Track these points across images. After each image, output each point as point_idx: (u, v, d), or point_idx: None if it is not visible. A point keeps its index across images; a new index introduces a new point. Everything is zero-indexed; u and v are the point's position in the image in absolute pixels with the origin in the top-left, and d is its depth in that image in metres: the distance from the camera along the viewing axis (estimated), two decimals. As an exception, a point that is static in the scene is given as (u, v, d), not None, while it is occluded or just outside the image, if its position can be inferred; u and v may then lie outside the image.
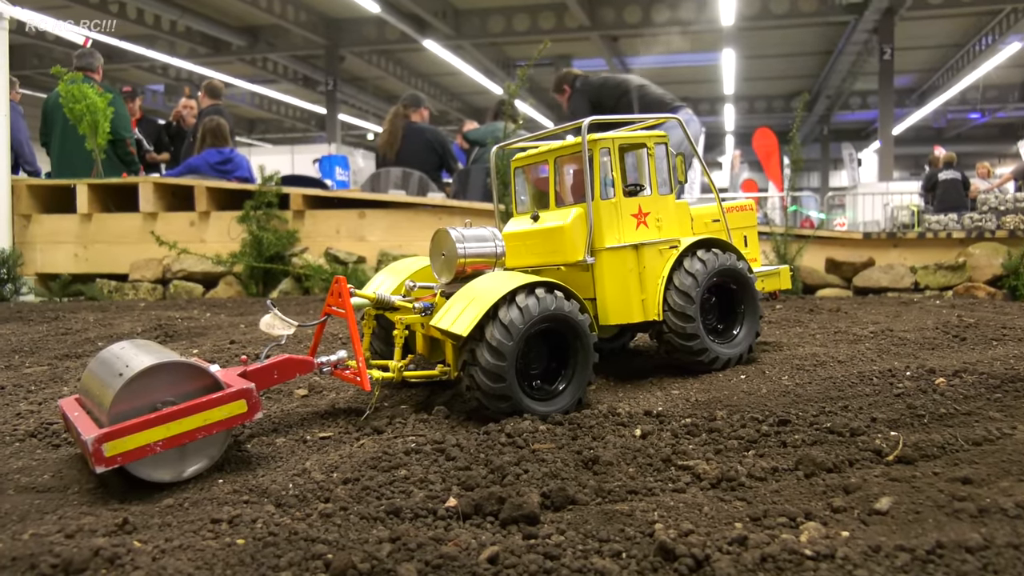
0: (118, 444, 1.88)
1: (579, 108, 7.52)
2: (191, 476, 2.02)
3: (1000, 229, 6.71)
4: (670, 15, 21.07)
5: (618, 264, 2.84)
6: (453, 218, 7.09)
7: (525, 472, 1.87)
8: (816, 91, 29.78)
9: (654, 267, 2.89)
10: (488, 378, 2.36)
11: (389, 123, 8.70)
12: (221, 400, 2.04)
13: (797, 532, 1.53)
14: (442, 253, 2.71)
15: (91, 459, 1.85)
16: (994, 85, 30.35)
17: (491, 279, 2.55)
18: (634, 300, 2.87)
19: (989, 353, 2.97)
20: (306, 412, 2.62)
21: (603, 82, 7.74)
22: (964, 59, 26.22)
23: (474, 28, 22.37)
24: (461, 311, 2.42)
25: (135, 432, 1.91)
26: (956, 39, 25.07)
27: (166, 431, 1.95)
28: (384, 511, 1.68)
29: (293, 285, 6.66)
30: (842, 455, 1.92)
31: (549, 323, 2.46)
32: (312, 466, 2.02)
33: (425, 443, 2.12)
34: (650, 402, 2.54)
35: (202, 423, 2.01)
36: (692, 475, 1.85)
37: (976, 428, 2.07)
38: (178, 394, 2.02)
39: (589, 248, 2.81)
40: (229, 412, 2.05)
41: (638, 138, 2.99)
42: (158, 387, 2.00)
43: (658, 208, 2.95)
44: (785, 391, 2.51)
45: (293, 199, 7.18)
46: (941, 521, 1.56)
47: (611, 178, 2.87)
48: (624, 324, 2.88)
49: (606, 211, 2.84)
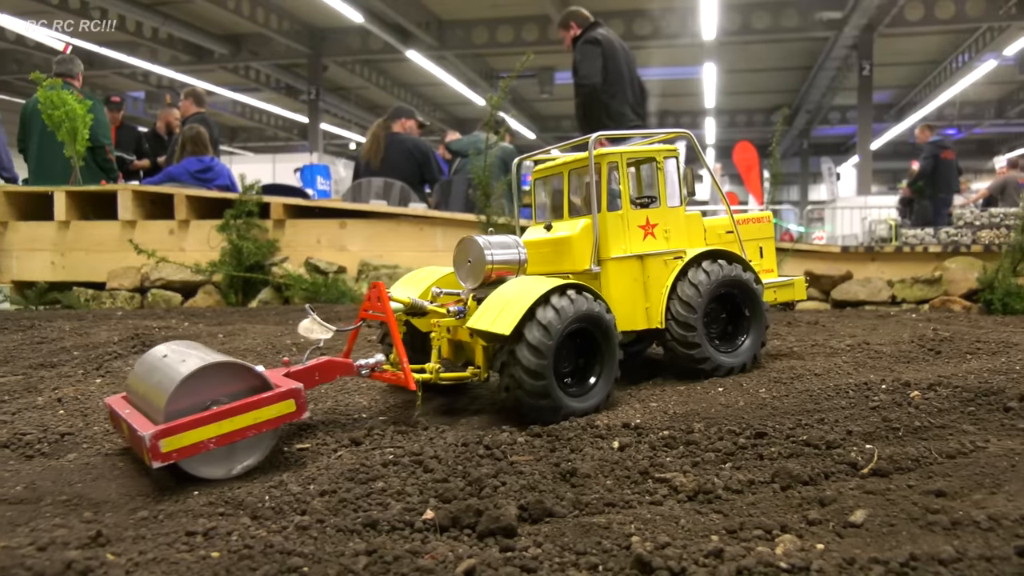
0: (174, 440, 1.96)
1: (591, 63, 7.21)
2: (240, 473, 2.10)
3: (975, 244, 6.78)
4: (652, 29, 21.22)
5: (623, 273, 2.96)
6: (435, 229, 7.10)
7: (503, 484, 1.87)
8: (796, 106, 30.06)
9: (659, 277, 3.01)
10: (529, 376, 2.45)
11: (372, 134, 8.70)
12: (271, 399, 2.12)
13: (773, 545, 1.54)
14: (468, 260, 2.79)
15: (147, 455, 1.92)
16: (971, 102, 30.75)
17: (523, 283, 2.64)
18: (639, 308, 2.99)
19: (963, 367, 3.00)
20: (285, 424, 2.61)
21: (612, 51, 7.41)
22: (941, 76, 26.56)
23: (458, 39, 22.42)
24: (499, 312, 2.50)
25: (190, 429, 1.99)
26: (933, 56, 25.40)
27: (219, 429, 2.03)
28: (361, 523, 1.68)
29: (273, 295, 6.63)
30: (818, 468, 1.94)
31: (581, 323, 2.58)
32: (289, 478, 2.01)
33: (403, 455, 2.11)
34: (628, 414, 2.54)
35: (253, 421, 2.09)
36: (669, 487, 1.86)
37: (950, 441, 2.09)
38: (228, 393, 2.10)
39: (595, 257, 2.92)
40: (278, 411, 2.14)
41: (648, 152, 3.11)
42: (210, 386, 2.08)
43: (667, 220, 3.07)
44: (762, 404, 2.52)
45: (274, 208, 7.16)
46: (915, 533, 1.58)
47: (618, 191, 2.99)
48: (631, 331, 2.97)
49: (612, 222, 2.96)
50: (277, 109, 31.25)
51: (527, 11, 20.92)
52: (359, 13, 18.84)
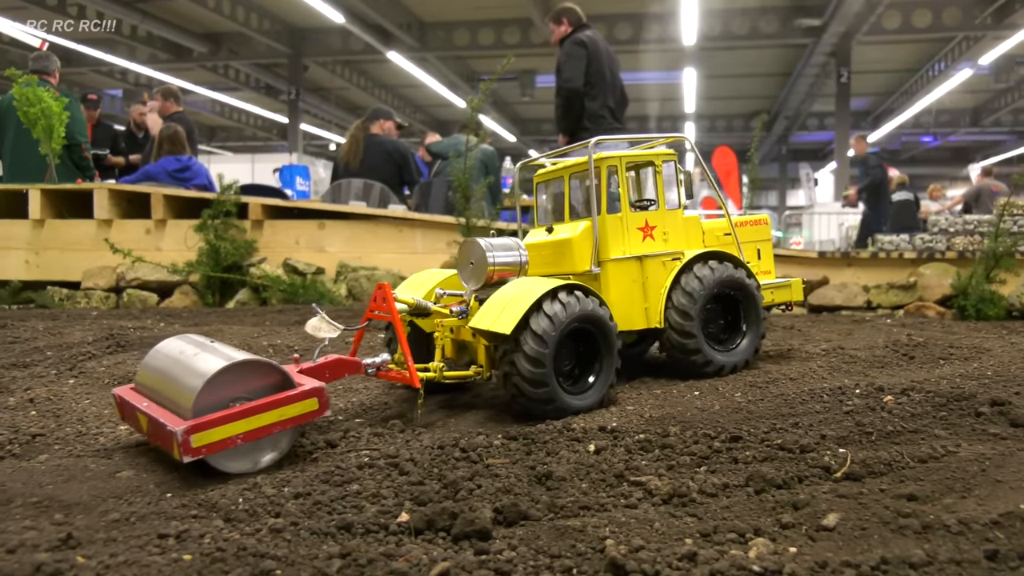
0: (204, 436, 2.00)
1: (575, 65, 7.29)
2: (263, 467, 2.15)
3: (950, 250, 6.86)
4: (634, 33, 21.30)
5: (622, 274, 3.05)
6: (414, 231, 7.08)
7: (478, 487, 1.87)
8: (775, 112, 30.29)
9: (657, 278, 3.10)
10: (528, 372, 2.53)
11: (351, 135, 8.67)
12: (296, 397, 2.17)
13: (746, 548, 1.55)
14: (470, 262, 2.87)
15: (178, 449, 1.96)
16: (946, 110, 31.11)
17: (524, 283, 2.71)
18: (637, 308, 3.07)
19: (936, 372, 3.03)
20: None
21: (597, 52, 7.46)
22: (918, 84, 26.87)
23: (439, 41, 22.41)
24: (500, 312, 2.58)
25: (220, 425, 2.04)
26: (910, 64, 25.69)
27: (246, 425, 2.08)
28: (335, 526, 1.67)
29: (251, 295, 6.58)
30: (792, 472, 1.95)
31: (580, 323, 2.65)
32: (263, 480, 1.99)
33: (379, 457, 2.11)
34: (605, 417, 2.55)
35: (278, 418, 2.14)
36: (644, 491, 1.86)
37: (922, 445, 2.11)
38: (250, 390, 2.15)
39: (595, 259, 3.01)
40: (302, 409, 2.18)
41: (646, 156, 3.20)
42: (234, 383, 2.13)
43: (665, 222, 3.16)
44: (737, 408, 2.53)
45: (252, 208, 7.11)
46: (886, 537, 1.59)
47: (618, 194, 3.08)
48: (631, 331, 3.06)
49: (612, 225, 3.06)
50: (257, 109, 31.09)
51: (509, 14, 20.95)
52: (340, 13, 18.79)
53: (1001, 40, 20.72)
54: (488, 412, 2.80)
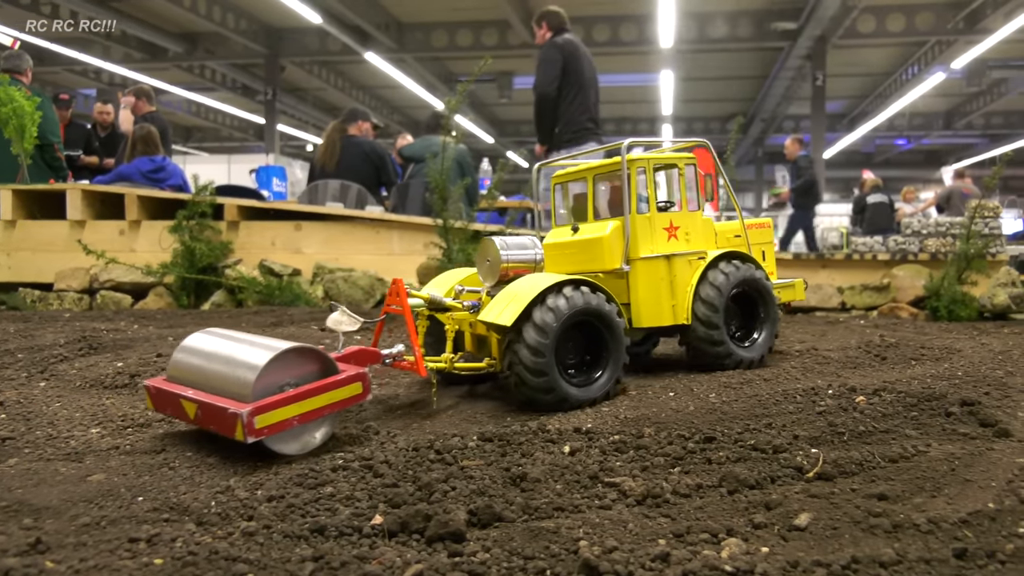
0: (266, 417, 2.13)
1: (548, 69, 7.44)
2: (311, 449, 2.27)
3: (923, 252, 6.93)
4: (611, 35, 21.36)
5: (651, 272, 3.17)
6: (391, 232, 7.06)
7: (453, 489, 1.86)
8: (752, 114, 30.47)
9: (684, 276, 3.22)
10: (530, 363, 2.64)
11: (327, 136, 8.63)
12: (344, 382, 2.32)
13: (718, 548, 1.56)
14: (487, 259, 3.01)
15: (243, 430, 2.08)
16: (920, 113, 31.47)
17: (533, 278, 2.84)
18: (665, 305, 3.18)
19: (908, 372, 3.06)
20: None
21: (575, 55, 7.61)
22: (892, 87, 27.14)
23: (417, 42, 22.36)
24: (506, 305, 2.71)
25: (279, 407, 2.16)
26: (885, 68, 25.94)
27: (301, 408, 2.21)
28: (308, 529, 1.66)
29: (226, 297, 6.53)
30: (764, 472, 1.96)
31: (583, 316, 2.76)
32: (236, 483, 1.98)
33: (353, 459, 2.10)
34: (580, 419, 2.55)
35: (328, 402, 2.28)
36: (618, 492, 1.87)
37: (893, 445, 2.13)
38: (298, 376, 2.28)
39: (625, 257, 3.13)
40: (349, 393, 2.33)
41: (670, 159, 3.33)
42: (284, 370, 2.26)
43: (687, 223, 3.28)
44: (712, 409, 2.55)
45: (228, 209, 7.06)
46: (857, 536, 1.61)
47: (646, 194, 3.21)
48: (652, 328, 3.19)
49: (641, 224, 3.17)
50: (233, 109, 30.86)
51: (487, 15, 20.94)
52: (317, 14, 18.70)
53: (973, 44, 20.99)
54: (465, 412, 2.80)
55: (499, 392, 3.14)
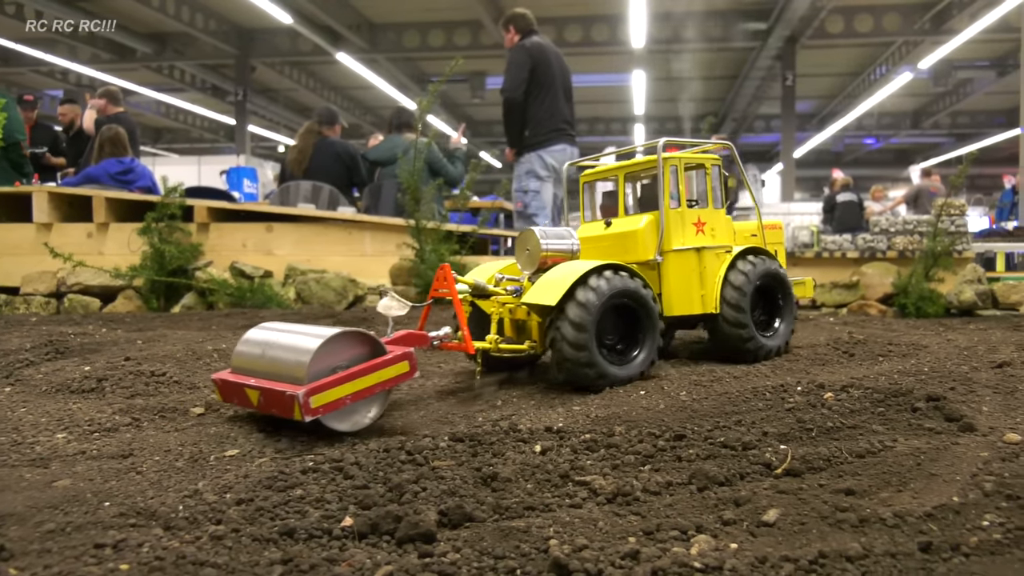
0: (321, 397, 2.30)
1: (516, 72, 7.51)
2: (363, 427, 2.47)
3: (891, 250, 7.02)
4: (583, 35, 21.42)
5: (682, 264, 3.37)
6: (364, 233, 7.04)
7: (424, 490, 1.86)
8: (723, 114, 30.69)
9: (712, 268, 3.41)
10: (572, 341, 2.84)
11: (301, 137, 8.58)
12: (391, 361, 2.48)
13: (688, 545, 1.57)
14: (527, 248, 3.21)
15: (300, 409, 2.26)
16: (888, 113, 31.86)
17: (571, 264, 3.06)
18: (695, 295, 3.37)
19: (875, 368, 3.10)
20: (203, 431, 2.55)
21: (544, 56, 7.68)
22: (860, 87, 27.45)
23: (389, 42, 22.29)
24: (549, 287, 2.93)
25: (332, 387, 2.33)
26: (853, 68, 26.24)
27: (353, 387, 2.38)
28: (278, 532, 1.65)
29: (197, 300, 6.48)
30: (734, 469, 1.98)
31: (621, 298, 2.97)
32: (205, 487, 1.96)
33: (323, 461, 2.08)
34: (551, 418, 2.56)
35: (378, 380, 2.44)
36: (589, 490, 1.88)
37: (860, 441, 2.16)
38: (348, 358, 2.45)
39: (659, 249, 3.33)
40: (396, 372, 2.49)
41: (699, 159, 3.54)
42: (335, 353, 2.43)
43: (712, 220, 3.50)
44: (682, 406, 2.56)
45: (198, 211, 7.00)
46: (824, 531, 1.62)
47: (676, 191, 3.41)
48: (681, 316, 3.39)
49: (673, 219, 3.38)
50: (203, 110, 30.60)
51: (459, 16, 20.93)
52: (288, 14, 18.58)
53: (939, 45, 21.29)
54: (437, 413, 2.79)
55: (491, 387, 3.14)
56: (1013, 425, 2.29)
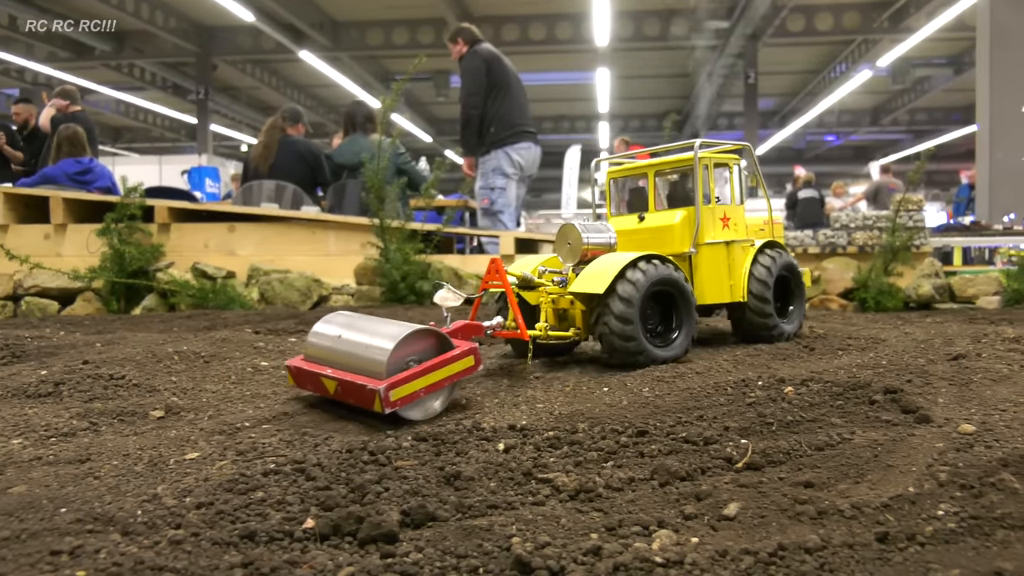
0: (400, 391, 2.47)
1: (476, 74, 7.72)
2: (434, 414, 2.63)
3: (851, 245, 7.12)
4: (547, 34, 21.45)
5: (714, 256, 3.63)
6: (328, 232, 6.99)
7: (386, 490, 1.85)
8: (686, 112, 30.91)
9: (739, 260, 3.69)
10: (621, 311, 3.08)
11: (265, 135, 8.49)
12: (459, 356, 2.65)
13: (650, 540, 1.58)
14: (568, 242, 3.44)
15: (380, 402, 2.43)
16: (848, 110, 32.31)
17: (614, 256, 3.31)
18: (724, 285, 3.65)
19: (835, 362, 3.14)
20: (163, 434, 2.52)
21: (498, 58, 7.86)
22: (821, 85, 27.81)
23: (352, 40, 22.16)
24: (595, 277, 3.15)
25: (409, 381, 2.50)
26: (814, 66, 26.57)
27: (426, 381, 2.55)
28: (238, 535, 1.63)
29: (158, 301, 6.39)
30: (695, 463, 1.99)
31: (662, 285, 3.23)
32: (164, 491, 1.93)
33: (285, 463, 2.07)
34: (515, 416, 2.56)
35: (447, 374, 2.61)
36: (552, 488, 1.88)
37: (819, 434, 2.18)
38: (419, 352, 2.62)
39: (694, 242, 3.57)
40: (463, 366, 2.66)
41: (724, 159, 3.79)
42: (408, 347, 2.59)
43: (735, 215, 3.76)
44: (645, 403, 2.58)
45: (158, 212, 6.91)
46: (784, 524, 1.64)
47: (708, 188, 3.65)
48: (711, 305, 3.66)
49: (706, 214, 3.61)
50: (163, 109, 30.20)
51: (422, 14, 20.86)
52: (250, 12, 18.39)
53: (897, 43, 21.64)
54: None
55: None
56: (967, 416, 2.33)
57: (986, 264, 12.55)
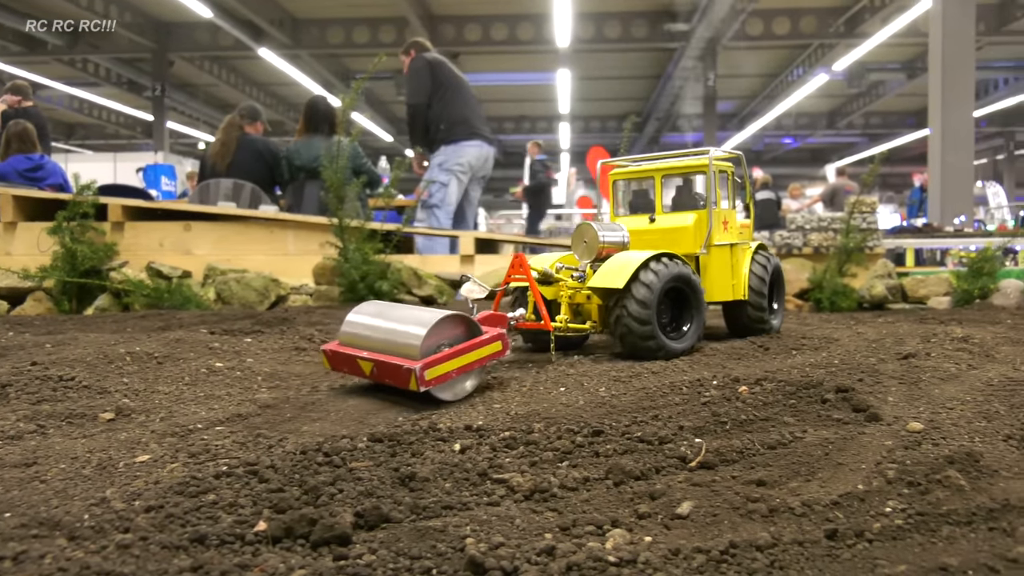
0: (434, 371, 2.64)
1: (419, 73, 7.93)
2: (463, 396, 2.80)
3: (806, 246, 7.23)
4: (508, 34, 21.47)
5: (720, 257, 3.88)
6: (286, 232, 6.92)
7: (340, 492, 1.84)
8: (647, 113, 31.14)
9: (740, 261, 3.98)
10: (639, 307, 3.28)
11: (223, 133, 8.37)
12: (488, 340, 2.82)
13: (603, 540, 1.58)
14: (584, 240, 3.64)
15: (416, 381, 2.59)
16: (805, 113, 32.78)
17: (630, 253, 3.50)
18: (728, 284, 3.91)
19: (788, 362, 3.19)
20: (113, 437, 2.47)
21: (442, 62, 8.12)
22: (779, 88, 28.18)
23: (313, 38, 21.98)
24: (614, 272, 3.35)
25: (442, 363, 2.67)
26: (772, 69, 26.92)
27: (459, 362, 2.71)
28: (188, 539, 1.61)
29: (111, 301, 6.27)
30: (650, 463, 2.01)
31: (676, 282, 3.43)
32: (113, 494, 1.90)
33: (238, 465, 2.04)
34: (471, 416, 2.56)
35: (477, 357, 2.78)
36: (507, 488, 1.88)
37: (772, 433, 2.21)
38: (450, 337, 2.79)
39: (706, 243, 3.81)
40: (492, 350, 2.83)
41: (726, 166, 4.03)
42: (440, 332, 2.76)
43: (731, 218, 4.01)
44: (601, 402, 2.59)
45: (112, 210, 6.78)
46: (736, 522, 1.66)
47: (717, 194, 3.89)
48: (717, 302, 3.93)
49: (715, 217, 3.84)
50: (119, 105, 29.68)
51: (384, 12, 20.75)
52: (208, 8, 18.15)
53: (853, 47, 22.02)
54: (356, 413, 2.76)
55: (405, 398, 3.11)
56: (916, 414, 2.38)
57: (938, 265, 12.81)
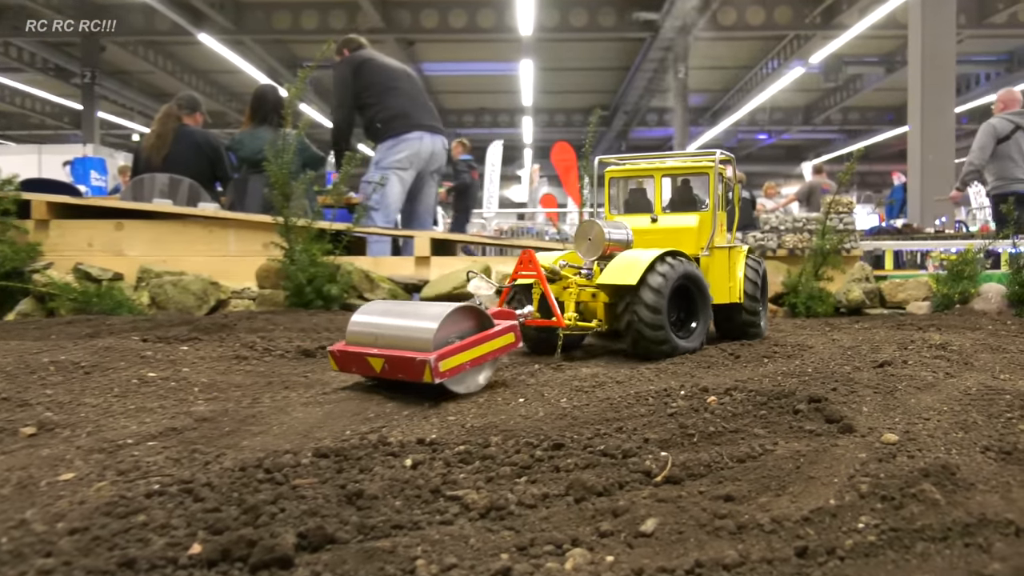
0: (448, 362, 2.78)
1: (340, 84, 7.92)
2: (476, 389, 2.97)
3: (781, 248, 7.32)
4: (468, 21, 21.48)
5: (720, 259, 4.09)
6: (227, 231, 6.86)
7: (282, 511, 1.82)
8: (614, 106, 31.35)
9: (736, 263, 4.21)
10: (649, 315, 3.47)
11: (159, 124, 8.26)
12: (501, 332, 2.99)
13: (563, 560, 1.59)
14: (588, 238, 3.80)
15: (431, 373, 2.74)
16: (780, 108, 33.23)
17: (638, 252, 3.68)
18: (725, 287, 4.10)
19: (760, 370, 3.23)
20: (34, 453, 2.43)
21: (367, 60, 8.01)
22: (753, 81, 28.53)
23: (257, 23, 21.81)
24: (624, 270, 3.53)
25: (456, 354, 2.82)
26: (746, 61, 27.25)
27: (472, 354, 2.87)
28: (115, 563, 1.59)
29: (35, 306, 6.15)
30: (613, 478, 2.02)
31: (684, 280, 3.64)
32: (34, 516, 1.87)
33: (171, 483, 2.02)
34: (424, 429, 2.55)
35: (490, 349, 2.94)
36: (461, 505, 1.88)
37: (741, 445, 2.24)
38: (462, 330, 2.94)
39: (708, 245, 4.00)
40: (505, 342, 3.00)
41: (722, 168, 4.19)
42: (452, 325, 2.90)
43: (722, 221, 4.21)
44: (563, 414, 2.60)
45: (35, 207, 6.67)
46: (702, 540, 1.67)
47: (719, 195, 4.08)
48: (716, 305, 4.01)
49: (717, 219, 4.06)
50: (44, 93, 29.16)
51: (334, -4, 20.65)
52: (142, -12, 17.92)
53: (830, 40, 22.37)
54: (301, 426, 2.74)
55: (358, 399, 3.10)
56: (891, 425, 2.42)
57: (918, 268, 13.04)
